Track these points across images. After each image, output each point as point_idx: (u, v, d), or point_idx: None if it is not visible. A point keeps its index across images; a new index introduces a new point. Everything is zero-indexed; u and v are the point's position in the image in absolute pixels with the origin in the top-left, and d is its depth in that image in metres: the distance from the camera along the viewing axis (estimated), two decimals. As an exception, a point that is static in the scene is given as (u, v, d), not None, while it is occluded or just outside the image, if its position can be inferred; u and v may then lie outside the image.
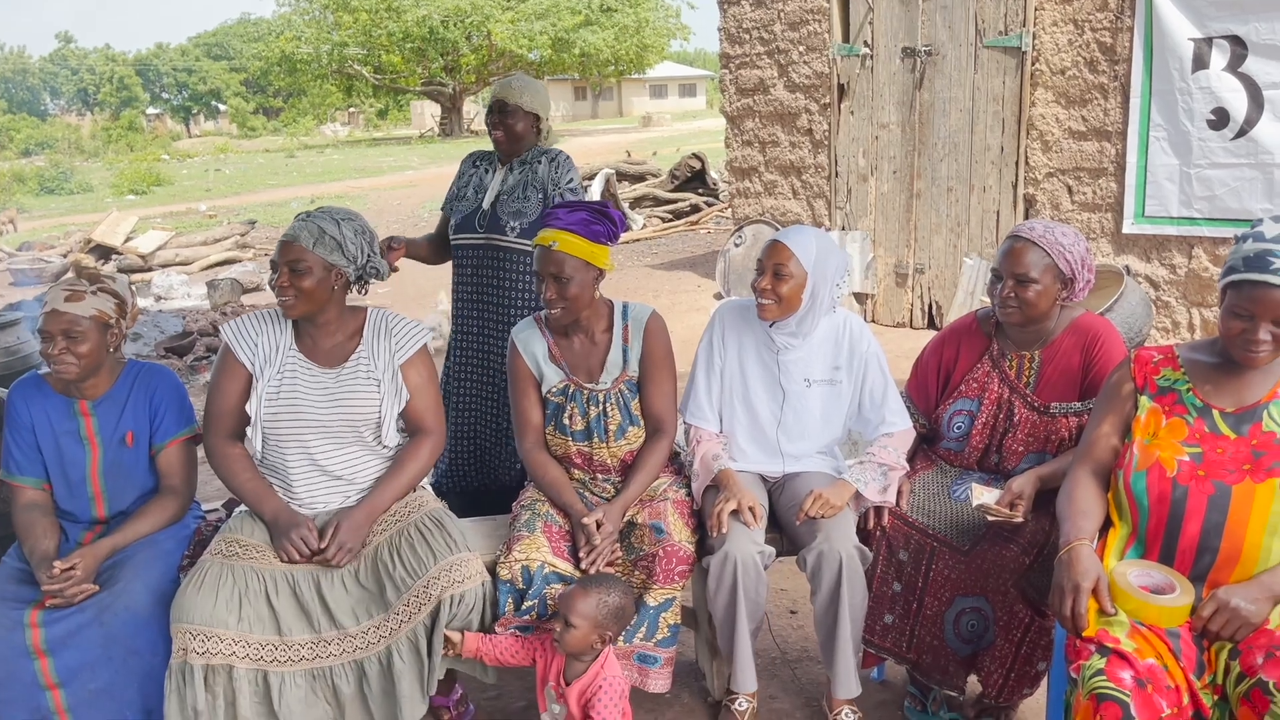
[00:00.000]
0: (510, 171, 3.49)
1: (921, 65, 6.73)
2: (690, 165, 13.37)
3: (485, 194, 3.50)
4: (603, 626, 2.36)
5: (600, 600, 2.36)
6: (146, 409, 2.63)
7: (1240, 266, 2.06)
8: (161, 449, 2.64)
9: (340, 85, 39.50)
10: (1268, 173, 5.32)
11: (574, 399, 2.73)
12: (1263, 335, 2.05)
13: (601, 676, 2.37)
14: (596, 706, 2.33)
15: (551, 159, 3.47)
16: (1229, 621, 1.98)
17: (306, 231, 2.52)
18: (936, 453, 2.82)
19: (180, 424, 2.67)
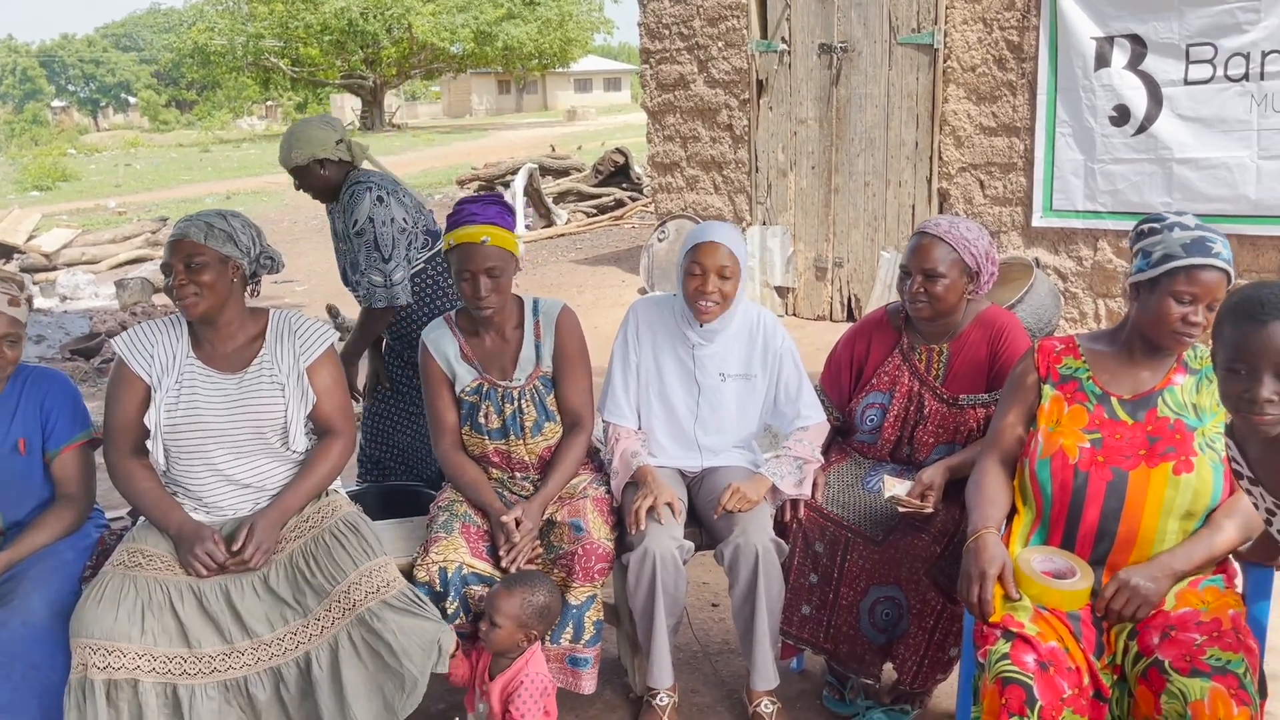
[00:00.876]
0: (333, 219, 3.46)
1: (838, 62, 6.82)
2: (614, 160, 13.37)
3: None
4: (528, 625, 2.36)
5: (524, 599, 2.36)
6: (38, 415, 2.54)
7: (1180, 253, 2.12)
8: (56, 455, 2.55)
9: (257, 78, 38.59)
10: (1166, 167, 5.52)
11: (488, 397, 2.71)
12: (1200, 319, 2.13)
13: (524, 673, 2.37)
14: (516, 702, 2.33)
15: (345, 201, 3.31)
16: (1130, 600, 2.05)
17: (195, 227, 2.46)
18: (850, 445, 2.87)
19: (74, 429, 2.58)
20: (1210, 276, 2.11)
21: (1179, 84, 5.42)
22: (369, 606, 2.31)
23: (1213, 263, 2.11)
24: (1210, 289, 2.11)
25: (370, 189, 3.29)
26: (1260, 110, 5.19)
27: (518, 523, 2.56)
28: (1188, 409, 2.18)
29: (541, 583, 2.43)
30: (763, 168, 7.42)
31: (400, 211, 3.32)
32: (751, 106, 7.37)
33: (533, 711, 2.34)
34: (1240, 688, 1.85)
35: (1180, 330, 2.15)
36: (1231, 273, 2.12)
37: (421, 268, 3.39)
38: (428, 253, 3.41)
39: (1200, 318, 2.13)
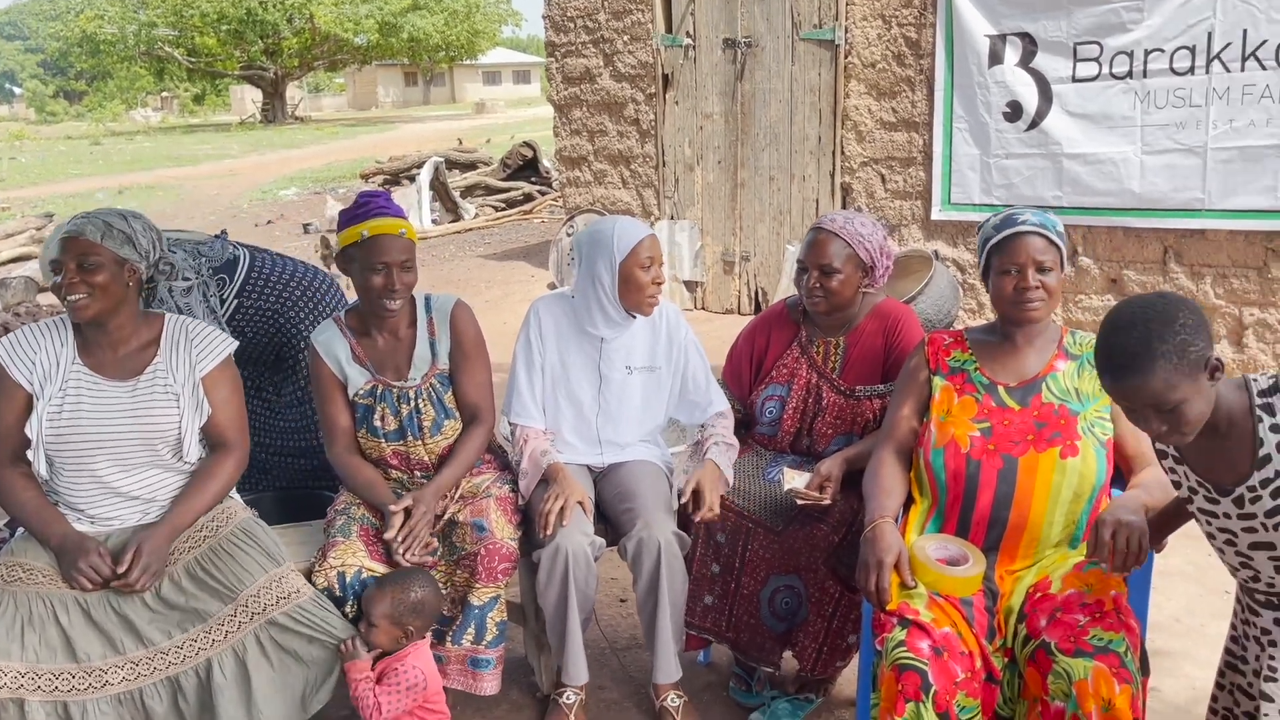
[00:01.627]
0: None
1: (742, 56, 6.88)
2: (522, 153, 13.26)
3: None
4: (403, 622, 2.34)
5: (395, 597, 2.34)
6: None
7: (992, 233, 2.29)
8: None
9: (150, 68, 37.26)
10: (1057, 162, 5.70)
11: (383, 399, 2.66)
12: (1032, 281, 2.22)
13: (400, 662, 2.35)
14: (380, 689, 2.31)
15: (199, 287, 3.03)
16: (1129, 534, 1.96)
17: (92, 225, 2.34)
18: (751, 437, 2.90)
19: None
20: (1021, 241, 2.23)
21: (1067, 81, 5.60)
22: (280, 612, 2.28)
23: (1018, 229, 2.24)
24: (1026, 251, 2.23)
25: None
26: (1143, 107, 5.39)
27: (409, 512, 2.51)
28: (1071, 394, 2.26)
29: (415, 579, 2.40)
30: (670, 162, 7.45)
31: (181, 285, 3.01)
32: (658, 101, 7.38)
33: (398, 701, 2.31)
34: (1121, 666, 1.92)
35: (1018, 300, 2.25)
36: (1047, 234, 2.22)
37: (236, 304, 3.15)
38: (227, 285, 3.14)
39: (1033, 281, 2.23)
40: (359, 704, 2.31)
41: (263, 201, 15.63)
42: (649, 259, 2.71)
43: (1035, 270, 2.22)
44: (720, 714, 2.79)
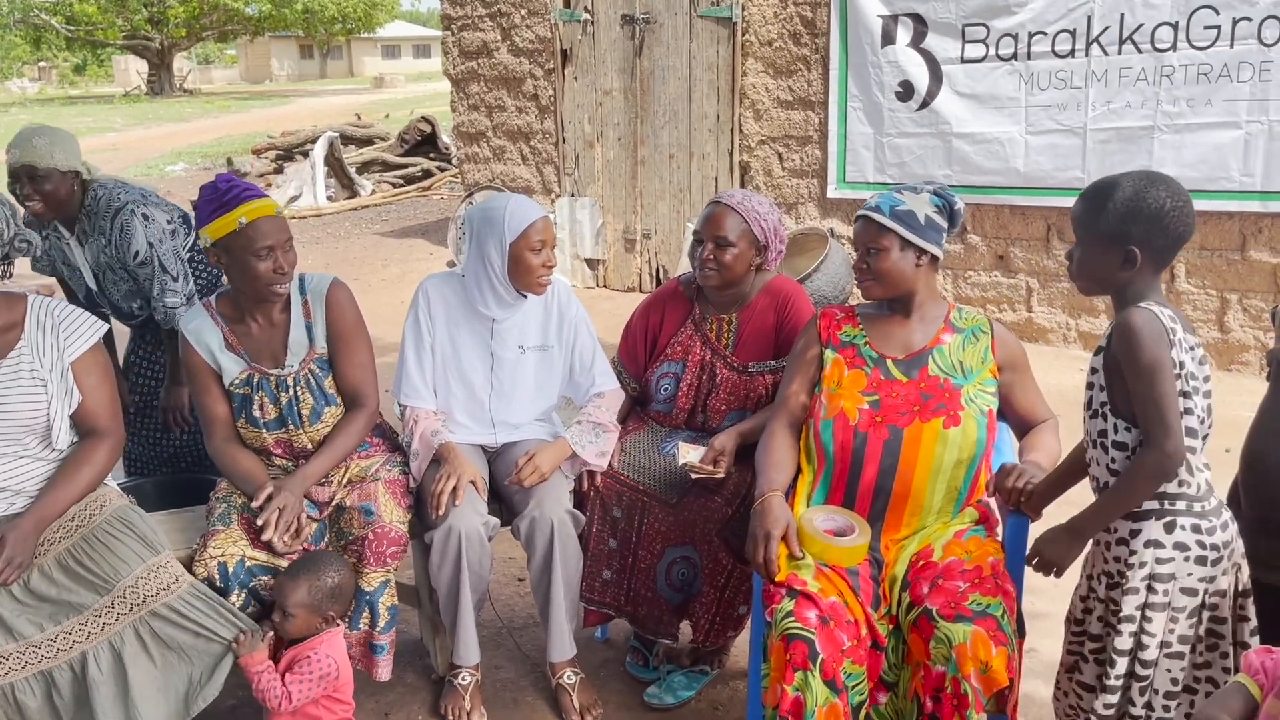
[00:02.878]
0: (83, 245, 3.11)
1: (641, 33, 6.85)
2: (420, 129, 13.01)
3: (81, 273, 3.14)
4: (321, 608, 2.30)
5: (311, 585, 2.29)
6: None
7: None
8: None
9: (26, 36, 35.33)
10: (946, 141, 5.84)
11: (260, 388, 2.57)
12: (860, 264, 2.35)
13: (311, 650, 2.30)
14: (290, 676, 2.27)
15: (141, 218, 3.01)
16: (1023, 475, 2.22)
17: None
18: (648, 414, 2.91)
19: None
20: (858, 223, 2.37)
21: (956, 62, 5.74)
22: (160, 603, 2.20)
23: (859, 212, 2.37)
24: (858, 234, 2.36)
25: (133, 210, 3.02)
26: (1028, 88, 5.56)
27: (269, 498, 2.44)
28: (955, 368, 2.33)
29: (327, 563, 2.35)
30: (570, 139, 7.39)
31: (163, 217, 3.09)
32: (557, 76, 7.31)
33: (309, 690, 2.27)
34: (998, 629, 1.99)
35: (858, 279, 2.40)
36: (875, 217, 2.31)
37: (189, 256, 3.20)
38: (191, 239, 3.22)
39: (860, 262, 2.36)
40: (264, 696, 2.24)
41: (148, 178, 15.00)
42: (540, 242, 2.67)
43: (865, 252, 2.32)
44: (617, 689, 2.81)
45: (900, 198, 2.32)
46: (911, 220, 2.29)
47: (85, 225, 3.09)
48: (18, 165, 2.94)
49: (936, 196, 2.35)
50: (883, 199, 2.33)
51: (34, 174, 2.93)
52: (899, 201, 2.31)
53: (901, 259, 2.30)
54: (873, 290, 2.35)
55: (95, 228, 3.08)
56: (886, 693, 2.15)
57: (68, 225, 3.11)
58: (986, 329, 2.40)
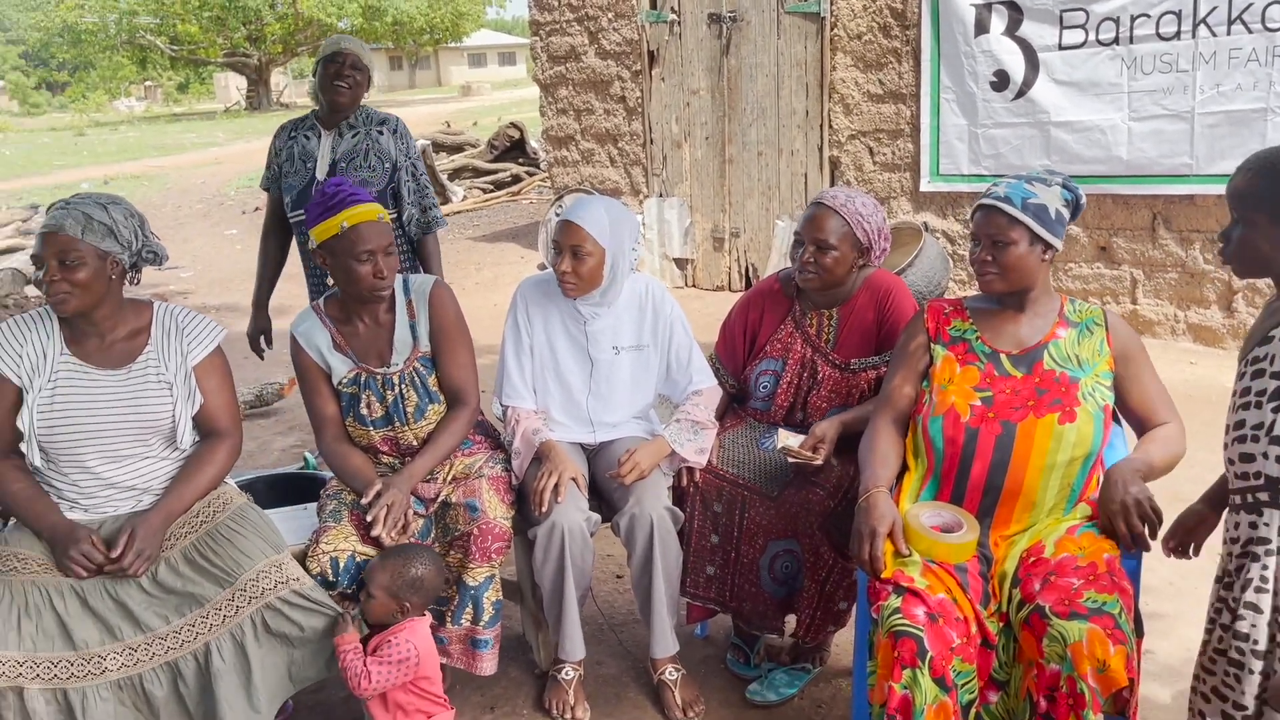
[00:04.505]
0: (340, 137, 3.40)
1: (727, 31, 6.84)
2: (509, 135, 13.19)
3: (314, 163, 3.39)
4: (400, 596, 2.35)
5: (395, 572, 2.34)
6: None
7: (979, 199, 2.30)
8: None
9: (133, 57, 36.90)
10: (1045, 130, 5.69)
11: (367, 387, 2.64)
12: (984, 254, 2.25)
13: (393, 635, 2.36)
14: (377, 656, 2.32)
15: (393, 129, 3.49)
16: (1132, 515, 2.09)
17: (72, 219, 2.31)
18: (746, 411, 2.90)
19: None
20: (981, 216, 2.26)
21: (1054, 49, 5.59)
22: (275, 596, 2.29)
23: (982, 201, 2.26)
24: (983, 226, 2.26)
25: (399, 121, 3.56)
26: (1130, 73, 5.38)
27: (378, 494, 2.50)
28: (1071, 360, 2.27)
29: (417, 555, 2.40)
30: (657, 139, 7.41)
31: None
32: (644, 78, 7.34)
33: (388, 674, 2.32)
34: (1116, 627, 1.93)
35: (976, 271, 2.30)
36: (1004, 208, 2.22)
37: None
38: None
39: (984, 254, 2.26)
40: (347, 674, 2.31)
41: (249, 189, 15.52)
42: (555, 245, 2.69)
43: (990, 244, 2.24)
44: (718, 686, 2.81)
45: (1031, 189, 2.24)
46: (1043, 214, 2.22)
47: (351, 121, 3.50)
48: (346, 50, 3.45)
49: (1065, 189, 2.27)
50: (1012, 189, 2.24)
51: (357, 64, 3.45)
52: (1031, 193, 2.23)
53: (1029, 253, 2.23)
54: (995, 284, 2.27)
55: (361, 125, 3.50)
56: (997, 692, 2.11)
57: (328, 124, 3.51)
58: (1101, 321, 2.33)
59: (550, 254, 2.77)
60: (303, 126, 3.56)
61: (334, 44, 3.48)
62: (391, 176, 3.48)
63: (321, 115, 3.54)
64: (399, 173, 3.49)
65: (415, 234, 3.61)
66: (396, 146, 3.49)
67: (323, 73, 3.46)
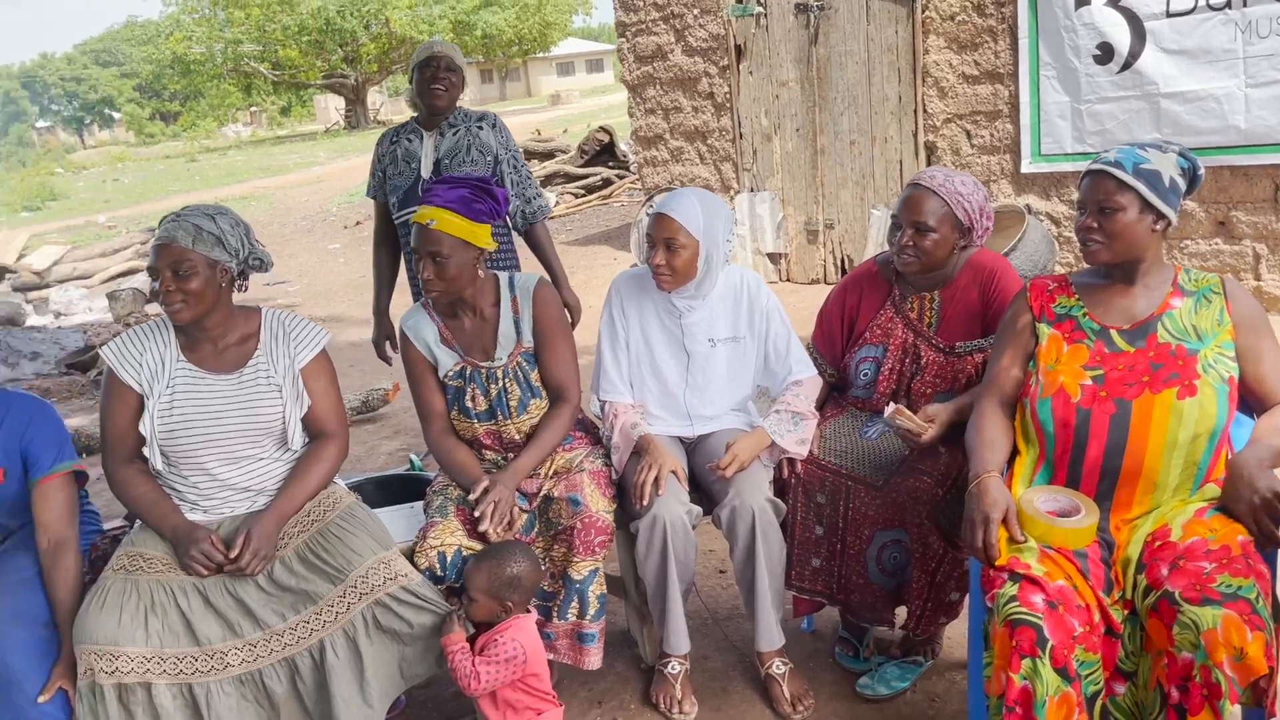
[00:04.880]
0: (441, 136, 3.49)
1: (815, 20, 6.74)
2: (598, 139, 13.27)
3: (419, 163, 3.48)
4: (501, 596, 2.35)
5: (492, 573, 2.35)
6: (18, 444, 2.44)
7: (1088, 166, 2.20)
8: (37, 484, 2.42)
9: (238, 84, 38.40)
10: (1154, 103, 5.45)
11: (472, 380, 2.68)
12: (1088, 221, 2.15)
13: (499, 634, 2.36)
14: (485, 655, 2.33)
15: (491, 124, 3.58)
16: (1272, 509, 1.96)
17: (182, 230, 2.40)
18: (846, 400, 2.84)
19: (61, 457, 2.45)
20: (1089, 180, 2.15)
21: (1161, 17, 5.35)
22: (384, 592, 2.32)
23: (1091, 166, 2.15)
24: (1089, 192, 2.15)
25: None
26: (1245, 38, 5.11)
27: (485, 490, 2.52)
28: (1189, 332, 2.15)
29: (512, 553, 2.41)
30: (746, 134, 7.35)
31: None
32: (731, 72, 7.29)
33: (497, 673, 2.32)
34: (1253, 613, 1.82)
35: (1080, 240, 2.18)
36: (1114, 173, 2.11)
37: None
38: None
39: (1089, 221, 2.15)
40: (456, 674, 2.33)
41: (350, 204, 15.99)
42: (648, 239, 2.68)
43: (1097, 210, 2.13)
44: (828, 680, 2.75)
45: (1144, 154, 2.13)
46: (1156, 181, 2.11)
47: (451, 120, 3.59)
48: (439, 53, 3.53)
49: (1182, 158, 2.16)
50: (1123, 154, 2.14)
51: (451, 65, 3.54)
52: (1143, 159, 2.12)
53: (1139, 221, 2.12)
54: (1100, 254, 2.17)
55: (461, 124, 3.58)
56: (1124, 683, 2.00)
57: (428, 123, 3.60)
58: (1219, 289, 2.20)
59: (644, 251, 2.75)
60: (404, 131, 3.65)
61: (427, 49, 3.56)
62: (494, 169, 3.56)
63: (421, 119, 3.63)
64: (501, 165, 3.57)
65: (521, 225, 3.68)
66: (496, 140, 3.57)
67: (419, 78, 3.54)
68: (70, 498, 2.46)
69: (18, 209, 23.00)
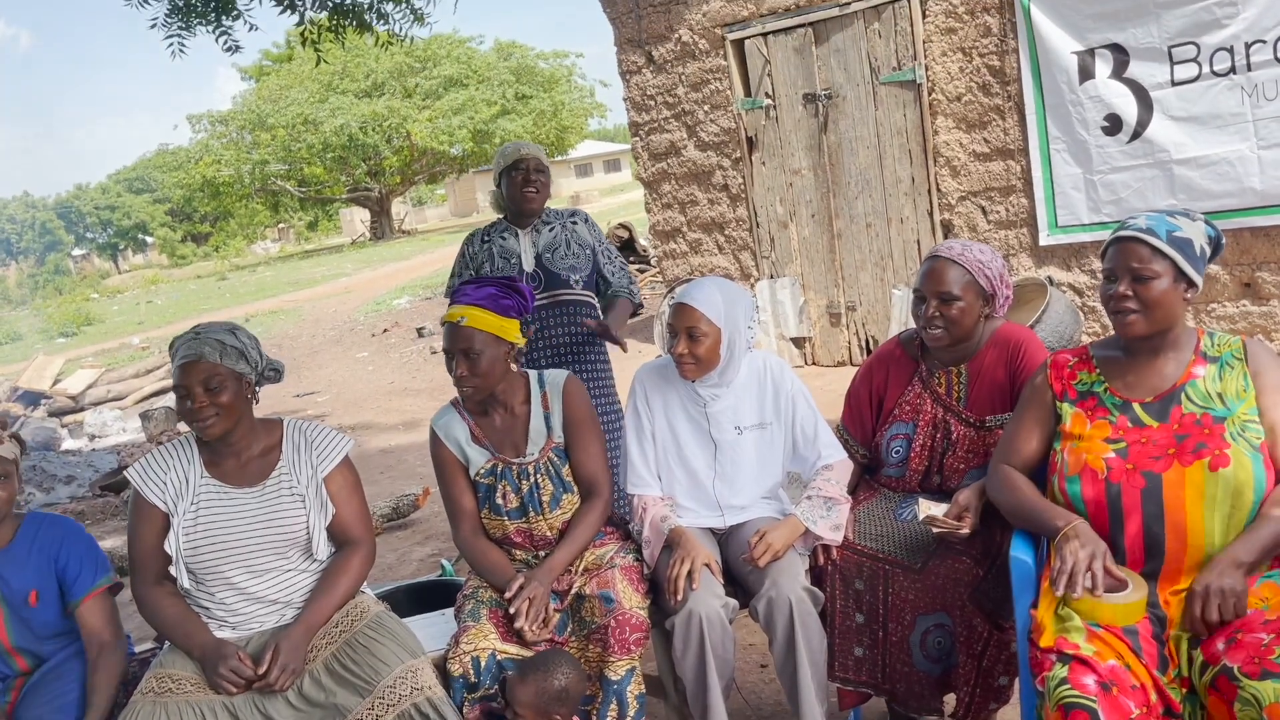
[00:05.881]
0: (537, 233, 3.57)
1: (824, 109, 6.87)
2: (618, 235, 13.46)
3: (519, 258, 3.55)
4: (549, 711, 2.30)
5: (539, 686, 2.29)
6: (51, 564, 2.51)
7: (1108, 238, 2.17)
8: (80, 604, 2.51)
9: (266, 203, 39.47)
10: (1166, 170, 5.47)
11: (504, 477, 2.67)
12: (1123, 289, 2.10)
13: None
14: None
15: (584, 219, 3.70)
16: (1221, 603, 1.93)
17: (208, 347, 2.44)
18: (878, 481, 2.80)
19: (98, 575, 2.55)
20: (1118, 248, 2.11)
21: (1166, 86, 5.41)
22: (412, 703, 2.27)
23: (1120, 234, 2.12)
24: (1122, 259, 2.11)
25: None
26: (1253, 101, 5.15)
27: (520, 588, 2.50)
28: (1214, 399, 2.11)
29: (556, 663, 2.35)
30: (763, 222, 7.44)
31: None
32: (744, 164, 7.42)
33: None
34: (1317, 685, 1.74)
35: (1111, 310, 2.14)
36: (1148, 240, 2.07)
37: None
38: None
39: (1124, 289, 2.10)
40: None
41: (378, 313, 16.24)
42: (670, 328, 2.69)
43: (1130, 279, 2.09)
44: (879, 776, 2.65)
45: (1175, 222, 2.10)
46: (1189, 249, 2.09)
47: (546, 217, 3.65)
48: (527, 155, 3.54)
49: (1209, 226, 2.14)
50: (1154, 221, 2.11)
51: (540, 166, 3.57)
52: (1175, 226, 2.09)
53: (1172, 290, 2.09)
54: (1137, 326, 2.11)
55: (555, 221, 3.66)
56: (1190, 765, 1.92)
57: (520, 223, 3.64)
58: (1240, 354, 2.15)
59: (667, 341, 2.76)
60: (495, 230, 3.68)
61: (514, 151, 3.55)
62: (593, 261, 3.66)
63: (510, 218, 3.67)
64: (597, 257, 3.67)
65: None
66: (591, 234, 3.67)
67: (509, 182, 3.56)
68: (111, 607, 2.57)
69: (54, 335, 23.52)
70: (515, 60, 36.03)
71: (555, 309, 3.56)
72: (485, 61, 35.55)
